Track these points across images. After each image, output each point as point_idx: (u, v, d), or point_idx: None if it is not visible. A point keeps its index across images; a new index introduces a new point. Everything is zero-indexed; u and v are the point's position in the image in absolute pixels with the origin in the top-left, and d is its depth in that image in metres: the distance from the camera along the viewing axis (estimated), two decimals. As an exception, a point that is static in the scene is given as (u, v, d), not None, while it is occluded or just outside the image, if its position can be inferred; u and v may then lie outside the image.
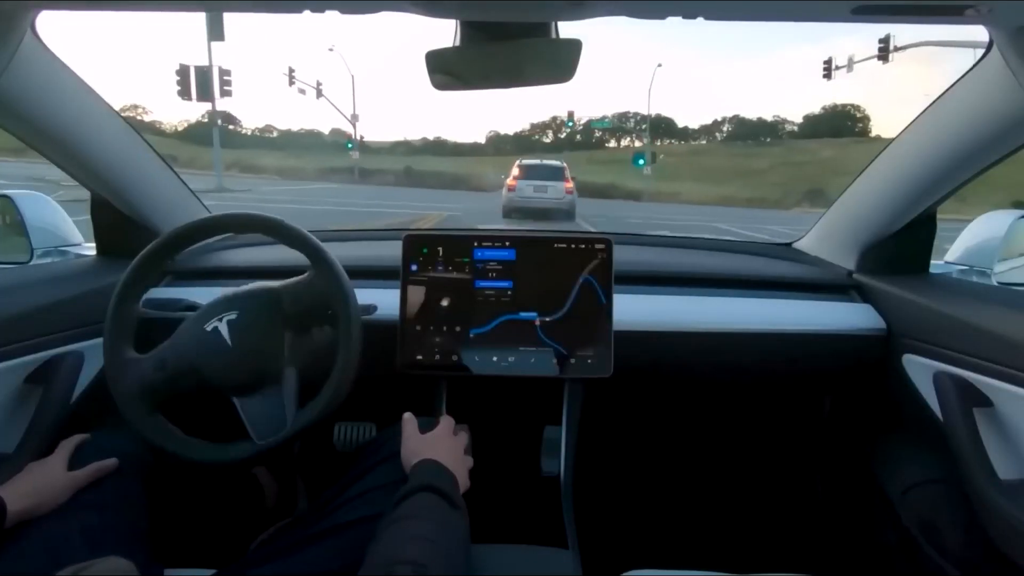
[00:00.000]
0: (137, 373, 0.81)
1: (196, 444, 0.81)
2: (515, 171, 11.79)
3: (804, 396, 1.31)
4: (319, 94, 25.96)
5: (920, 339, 0.97)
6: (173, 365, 0.81)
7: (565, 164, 12.89)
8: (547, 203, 11.50)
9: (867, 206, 1.11)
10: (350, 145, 31.00)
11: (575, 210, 11.90)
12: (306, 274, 0.85)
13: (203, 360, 0.80)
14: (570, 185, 12.05)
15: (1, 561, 0.64)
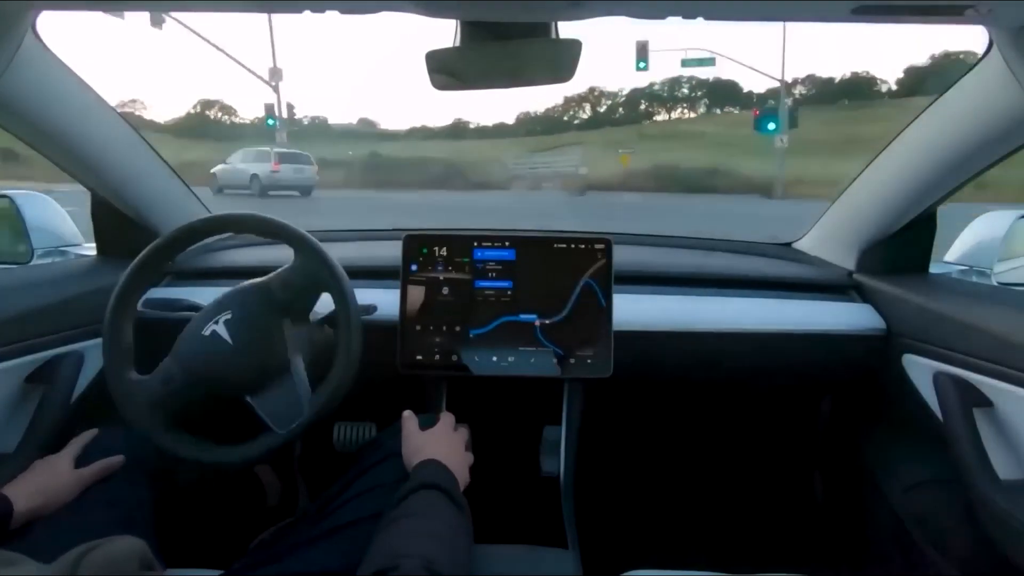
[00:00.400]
0: (145, 393, 0.79)
1: (220, 449, 0.80)
2: (274, 158, 15.17)
3: (804, 396, 1.31)
4: (158, 21, 12.78)
5: (920, 339, 0.97)
6: (180, 377, 0.79)
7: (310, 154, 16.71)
8: (305, 181, 15.42)
9: (867, 206, 1.11)
10: (272, 122, 17.81)
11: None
12: (292, 261, 0.85)
13: (208, 365, 0.79)
14: (316, 167, 16.26)
15: None
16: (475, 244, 1.01)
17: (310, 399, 0.79)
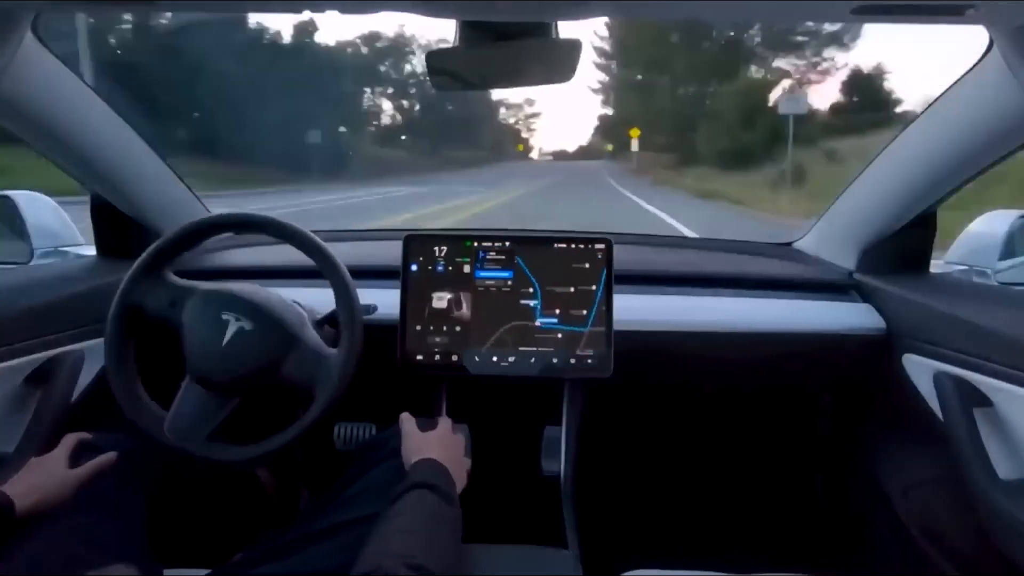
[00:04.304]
0: (152, 290, 0.83)
1: (130, 387, 0.81)
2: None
3: (804, 396, 1.31)
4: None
5: (920, 339, 0.97)
6: (176, 313, 0.82)
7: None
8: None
9: (867, 206, 1.11)
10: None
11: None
12: (333, 352, 0.82)
13: (194, 335, 0.81)
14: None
15: (5, 560, 0.64)
16: (475, 244, 1.01)
17: (205, 442, 0.80)
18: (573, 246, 1.00)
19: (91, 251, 1.19)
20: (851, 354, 1.08)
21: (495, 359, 0.99)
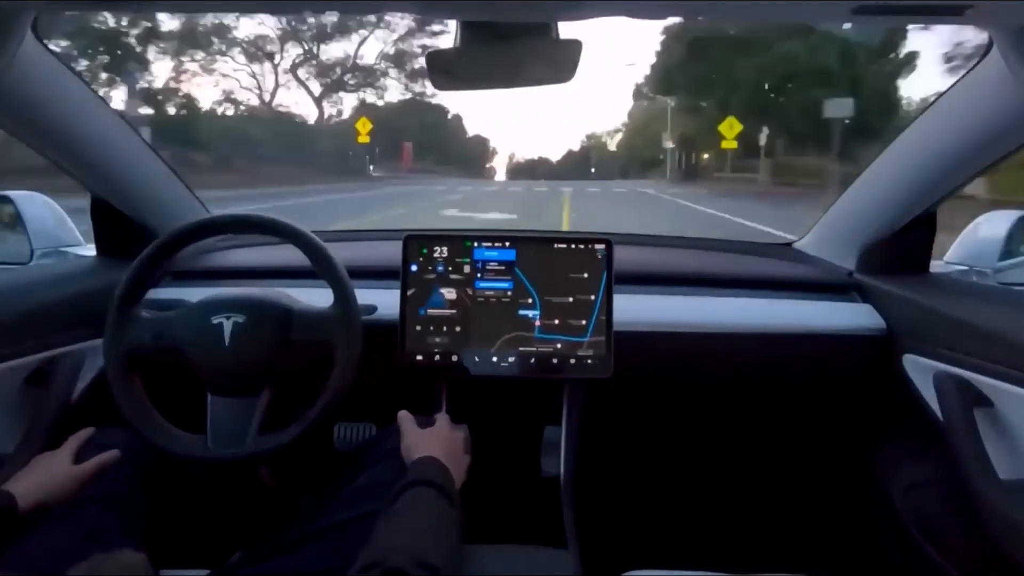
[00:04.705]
0: (133, 332, 0.83)
1: (156, 424, 0.82)
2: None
3: (804, 396, 1.31)
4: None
5: (920, 339, 0.97)
6: (168, 341, 0.83)
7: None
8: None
9: (867, 206, 1.11)
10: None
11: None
12: (327, 307, 0.85)
13: (197, 351, 0.82)
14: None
15: (7, 557, 0.65)
16: (475, 244, 1.01)
17: (254, 436, 0.81)
18: (573, 246, 1.00)
19: (91, 251, 1.20)
20: (851, 354, 1.08)
21: (495, 359, 0.99)
